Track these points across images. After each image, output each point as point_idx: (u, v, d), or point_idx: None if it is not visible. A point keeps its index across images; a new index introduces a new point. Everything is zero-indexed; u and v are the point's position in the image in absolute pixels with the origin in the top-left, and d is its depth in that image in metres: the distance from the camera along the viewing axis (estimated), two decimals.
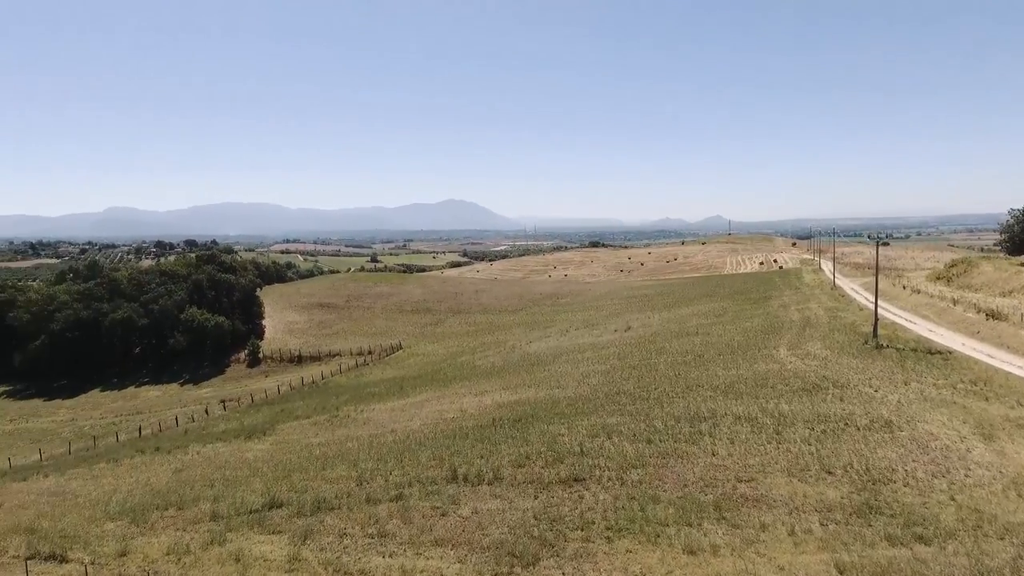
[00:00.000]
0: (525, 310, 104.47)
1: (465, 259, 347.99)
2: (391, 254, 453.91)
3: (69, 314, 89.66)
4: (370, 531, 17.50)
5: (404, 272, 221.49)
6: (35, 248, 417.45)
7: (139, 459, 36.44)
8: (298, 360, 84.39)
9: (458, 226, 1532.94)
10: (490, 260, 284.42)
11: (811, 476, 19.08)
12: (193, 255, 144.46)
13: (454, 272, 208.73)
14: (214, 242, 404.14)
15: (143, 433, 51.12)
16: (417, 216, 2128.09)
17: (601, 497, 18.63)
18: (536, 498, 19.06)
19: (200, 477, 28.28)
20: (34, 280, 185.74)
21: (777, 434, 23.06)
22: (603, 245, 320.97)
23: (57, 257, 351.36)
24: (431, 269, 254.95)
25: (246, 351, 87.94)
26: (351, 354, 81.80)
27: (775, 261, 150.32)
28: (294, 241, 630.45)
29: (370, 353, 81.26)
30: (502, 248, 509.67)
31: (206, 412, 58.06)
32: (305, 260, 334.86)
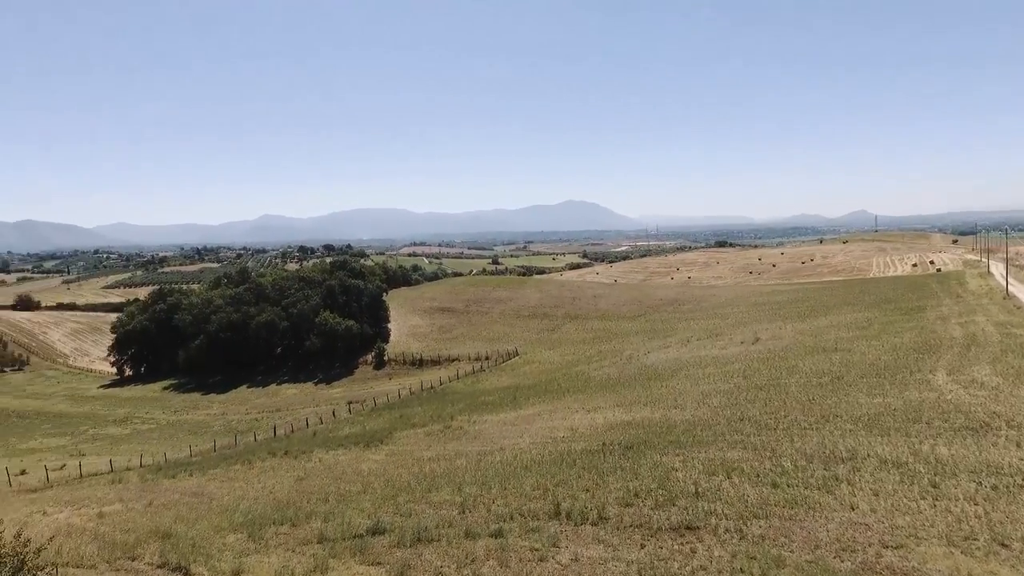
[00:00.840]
0: (644, 316, 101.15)
1: (585, 260, 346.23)
2: (511, 256, 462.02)
3: (222, 316, 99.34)
4: (465, 572, 16.89)
5: (523, 275, 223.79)
6: (200, 253, 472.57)
7: (269, 462, 38.98)
8: (419, 364, 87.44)
9: (578, 227, 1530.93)
10: (610, 262, 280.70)
11: (978, 548, 15.89)
12: (328, 260, 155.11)
13: (573, 275, 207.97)
14: (348, 246, 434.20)
15: (277, 433, 55.05)
16: (537, 217, 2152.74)
17: (716, 553, 16.69)
18: (643, 547, 17.47)
19: (318, 488, 29.46)
20: (197, 283, 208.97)
21: (933, 487, 19.65)
22: (730, 245, 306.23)
23: (218, 261, 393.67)
24: (550, 271, 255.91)
25: (372, 353, 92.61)
26: (469, 359, 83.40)
27: (931, 262, 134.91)
28: (420, 244, 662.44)
29: (487, 359, 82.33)
30: (623, 249, 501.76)
31: (333, 415, 61.49)
32: (430, 263, 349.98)
